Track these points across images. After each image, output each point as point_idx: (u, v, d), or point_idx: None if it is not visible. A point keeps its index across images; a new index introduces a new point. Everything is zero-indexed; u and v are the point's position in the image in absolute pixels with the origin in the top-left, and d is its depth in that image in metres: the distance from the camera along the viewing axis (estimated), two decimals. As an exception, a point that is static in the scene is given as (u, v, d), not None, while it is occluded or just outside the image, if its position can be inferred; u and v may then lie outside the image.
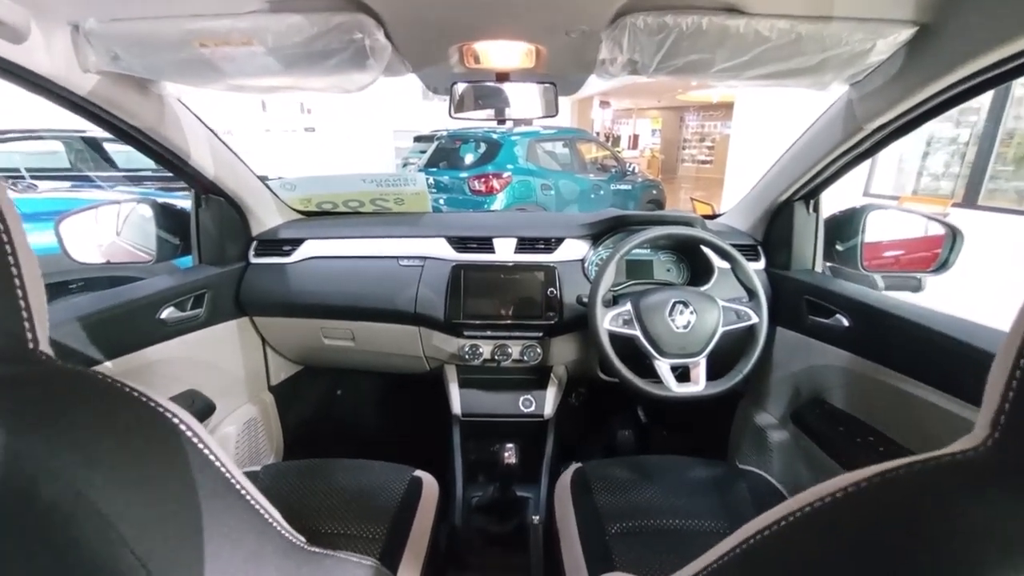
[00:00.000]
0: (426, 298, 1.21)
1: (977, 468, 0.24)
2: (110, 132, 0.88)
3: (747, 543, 0.31)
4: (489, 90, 0.96)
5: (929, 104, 0.77)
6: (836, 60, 0.71)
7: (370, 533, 0.84)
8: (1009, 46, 0.61)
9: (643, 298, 1.03)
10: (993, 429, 0.25)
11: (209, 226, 1.21)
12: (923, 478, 0.25)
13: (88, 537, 0.24)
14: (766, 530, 0.29)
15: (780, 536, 0.29)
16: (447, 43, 0.76)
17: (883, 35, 0.67)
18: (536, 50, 0.79)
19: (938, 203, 4.28)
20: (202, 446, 0.32)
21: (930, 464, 0.25)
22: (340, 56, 0.69)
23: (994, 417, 0.26)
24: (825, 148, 1.00)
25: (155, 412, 0.30)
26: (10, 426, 0.24)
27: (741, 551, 0.32)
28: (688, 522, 0.86)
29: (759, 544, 0.30)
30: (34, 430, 0.25)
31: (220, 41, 0.65)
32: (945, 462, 0.25)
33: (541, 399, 1.25)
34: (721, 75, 0.76)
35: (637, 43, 0.68)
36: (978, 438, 0.26)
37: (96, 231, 1.26)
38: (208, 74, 0.74)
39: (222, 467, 0.33)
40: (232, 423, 1.22)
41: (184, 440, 0.31)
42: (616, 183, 5.84)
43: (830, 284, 1.07)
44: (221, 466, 0.32)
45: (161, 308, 1.02)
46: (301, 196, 1.50)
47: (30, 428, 0.25)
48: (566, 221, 1.34)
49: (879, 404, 0.90)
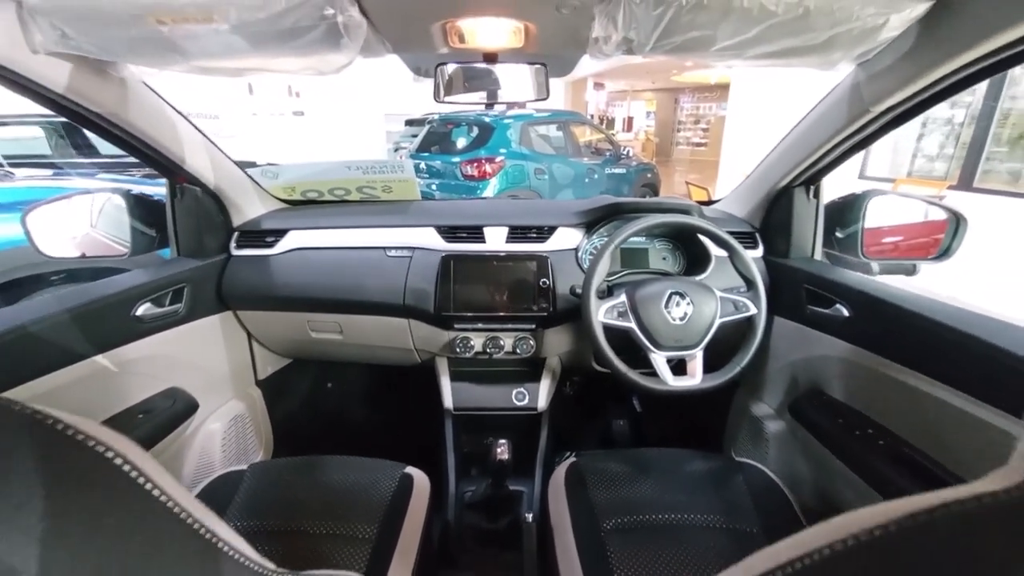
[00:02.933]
0: (415, 290, 1.18)
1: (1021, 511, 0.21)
2: (70, 119, 0.82)
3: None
4: (476, 72, 0.91)
5: (941, 85, 0.73)
6: (846, 36, 0.66)
7: (360, 533, 0.82)
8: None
9: (638, 289, 1.00)
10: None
11: (186, 217, 1.15)
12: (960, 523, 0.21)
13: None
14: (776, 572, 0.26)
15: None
16: (429, 20, 0.71)
17: (897, 9, 0.62)
18: (525, 28, 0.74)
19: (934, 185, 4.26)
20: (140, 479, 0.28)
21: (969, 506, 0.21)
22: (311, 34, 0.63)
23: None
24: (828, 132, 0.96)
25: (79, 445, 0.26)
26: None
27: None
28: (683, 516, 0.85)
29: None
30: None
31: (178, 17, 0.59)
32: (987, 503, 0.21)
33: (534, 392, 1.23)
34: (722, 54, 0.71)
35: (633, 19, 0.63)
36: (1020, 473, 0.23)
37: (69, 223, 1.21)
38: (169, 55, 0.68)
39: (168, 500, 0.29)
40: (217, 420, 1.19)
41: (117, 475, 0.27)
42: (611, 167, 5.77)
43: (830, 273, 1.04)
44: (167, 500, 0.29)
45: (136, 304, 0.97)
46: (284, 184, 1.44)
47: None
48: (559, 209, 1.30)
49: (879, 397, 0.88)
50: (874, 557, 0.23)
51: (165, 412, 1.01)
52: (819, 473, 0.99)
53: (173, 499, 0.29)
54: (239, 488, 0.91)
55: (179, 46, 0.66)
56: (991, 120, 3.92)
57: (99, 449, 0.27)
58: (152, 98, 0.93)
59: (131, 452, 0.28)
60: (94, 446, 0.26)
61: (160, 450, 0.99)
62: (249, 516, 0.84)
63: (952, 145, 4.43)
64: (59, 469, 0.25)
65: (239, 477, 0.94)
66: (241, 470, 0.96)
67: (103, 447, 0.27)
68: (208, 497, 0.90)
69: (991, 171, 4.02)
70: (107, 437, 0.27)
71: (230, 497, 0.88)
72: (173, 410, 1.03)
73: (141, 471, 0.28)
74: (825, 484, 0.98)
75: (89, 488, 0.26)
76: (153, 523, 0.28)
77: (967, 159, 4.12)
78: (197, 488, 0.93)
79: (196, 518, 0.31)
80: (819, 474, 0.99)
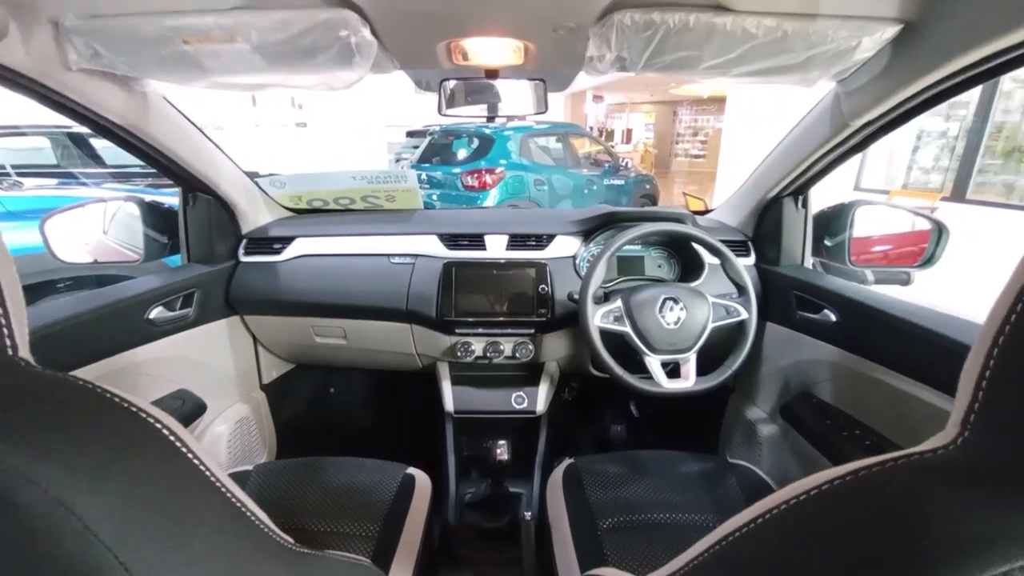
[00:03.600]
0: (417, 295, 1.21)
1: (947, 467, 0.25)
2: (94, 130, 0.87)
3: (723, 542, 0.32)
4: (478, 87, 0.95)
5: (915, 101, 0.78)
6: (822, 57, 0.71)
7: (363, 531, 0.84)
8: (994, 43, 0.61)
9: (633, 294, 1.03)
10: (963, 428, 0.26)
11: (197, 224, 1.19)
12: (894, 476, 0.25)
13: (68, 545, 0.24)
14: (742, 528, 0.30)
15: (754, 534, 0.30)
16: (434, 40, 0.76)
17: (868, 32, 0.67)
18: (524, 47, 0.79)
19: (927, 197, 4.32)
20: (185, 450, 0.31)
21: (901, 462, 0.25)
22: (326, 53, 0.68)
23: (964, 416, 0.26)
24: (813, 144, 1.00)
25: (136, 417, 0.30)
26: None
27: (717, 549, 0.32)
28: (677, 516, 0.87)
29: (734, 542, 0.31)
30: (10, 438, 0.25)
31: (203, 38, 0.64)
32: (915, 460, 0.25)
33: (533, 395, 1.26)
34: (708, 72, 0.76)
35: (625, 40, 0.68)
36: (949, 436, 0.27)
37: (83, 230, 1.25)
38: (192, 71, 0.73)
39: (207, 471, 0.32)
40: (224, 422, 1.22)
41: (167, 445, 0.31)
42: (609, 178, 5.84)
43: (819, 280, 1.08)
44: (206, 470, 0.32)
45: (149, 308, 1.01)
46: (291, 193, 1.48)
47: (5, 436, 0.25)
48: (557, 217, 1.34)
49: (865, 398, 0.92)
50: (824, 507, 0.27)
51: (174, 413, 1.03)
52: (809, 473, 1.02)
53: (211, 470, 0.33)
54: (244, 488, 0.93)
55: (202, 64, 0.71)
56: (981, 135, 3.99)
57: (152, 421, 0.30)
58: (171, 111, 0.98)
59: (176, 427, 0.32)
60: (148, 419, 0.30)
61: None
62: None
63: (947, 157, 4.50)
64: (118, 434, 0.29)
65: (244, 477, 0.97)
66: (247, 470, 0.99)
67: (156, 421, 0.31)
68: None
69: (985, 183, 4.09)
70: (157, 413, 0.31)
71: None
72: (182, 411, 1.06)
73: (185, 443, 0.32)
74: None
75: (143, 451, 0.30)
76: (194, 487, 0.32)
77: (960, 171, 4.18)
78: None
79: (229, 489, 0.34)
80: (809, 474, 1.02)
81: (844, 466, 0.26)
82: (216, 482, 0.33)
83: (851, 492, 0.26)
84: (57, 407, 0.28)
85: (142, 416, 0.30)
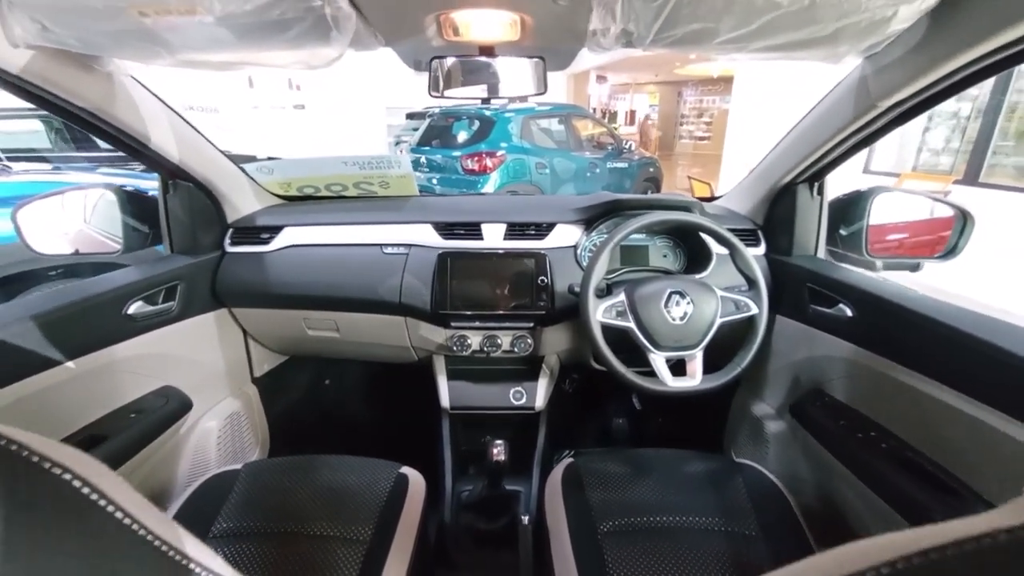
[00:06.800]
0: (411, 287, 1.16)
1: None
2: (56, 114, 0.81)
3: None
4: (473, 66, 0.88)
5: (951, 79, 0.71)
6: (853, 29, 0.64)
7: (355, 535, 0.81)
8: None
9: (638, 288, 0.98)
10: None
11: (179, 213, 1.14)
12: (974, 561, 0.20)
13: None
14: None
15: None
16: (422, 12, 0.69)
17: (907, 0, 0.60)
18: (521, 20, 0.72)
19: (939, 180, 4.21)
20: (104, 503, 0.26)
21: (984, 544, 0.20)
22: (299, 27, 0.61)
23: None
24: (834, 127, 0.93)
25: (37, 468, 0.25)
26: None
27: None
28: (681, 519, 0.84)
29: None
30: None
31: (160, 9, 0.57)
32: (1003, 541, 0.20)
33: (532, 391, 1.22)
34: (725, 47, 0.69)
35: (632, 10, 0.61)
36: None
37: (62, 219, 1.20)
38: (152, 48, 0.66)
39: (136, 525, 0.27)
40: (213, 418, 1.18)
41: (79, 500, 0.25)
42: (613, 161, 5.72)
43: (834, 271, 1.02)
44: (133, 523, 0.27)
45: (127, 303, 0.96)
46: (280, 180, 1.42)
47: None
48: (558, 205, 1.28)
49: (883, 399, 0.87)
50: None
51: (158, 411, 1.00)
52: (819, 475, 0.98)
53: (138, 520, 0.28)
54: (233, 488, 0.90)
55: (163, 39, 0.64)
56: (997, 114, 3.86)
57: (54, 471, 0.25)
58: (141, 92, 0.91)
59: (95, 474, 0.27)
60: (49, 467, 0.25)
61: (154, 449, 0.98)
62: (242, 517, 0.84)
63: (958, 139, 4.37)
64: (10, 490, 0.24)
65: (233, 477, 0.93)
66: (235, 470, 0.96)
67: (59, 468, 0.25)
68: (201, 497, 0.89)
69: (997, 165, 3.97)
70: (64, 457, 0.26)
71: (223, 497, 0.87)
72: (166, 409, 1.02)
73: (105, 495, 0.27)
74: (825, 486, 0.96)
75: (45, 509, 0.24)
76: (115, 546, 0.26)
77: (973, 154, 4.06)
78: (190, 489, 0.92)
79: (164, 539, 0.29)
80: (819, 476, 0.98)
81: (922, 532, 0.21)
82: (149, 536, 0.28)
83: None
84: None
85: (47, 467, 0.25)
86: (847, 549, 0.23)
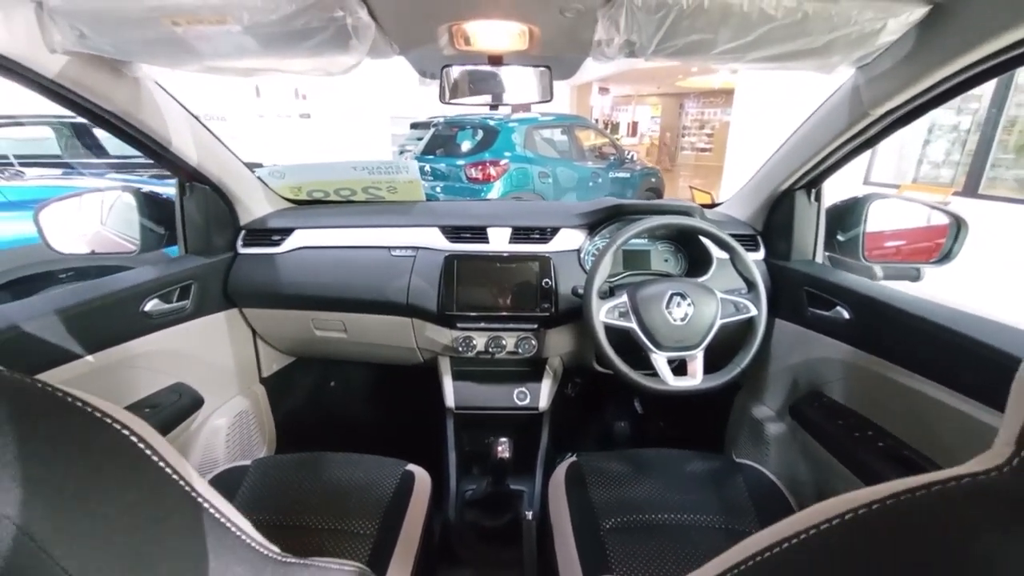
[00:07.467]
0: (418, 289, 1.19)
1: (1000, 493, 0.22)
2: (84, 117, 0.84)
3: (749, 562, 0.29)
4: (481, 74, 0.92)
5: (940, 88, 0.74)
6: (844, 41, 0.67)
7: (361, 529, 0.83)
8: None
9: (640, 290, 1.01)
10: (1019, 447, 0.23)
11: (195, 215, 1.17)
12: (940, 503, 0.22)
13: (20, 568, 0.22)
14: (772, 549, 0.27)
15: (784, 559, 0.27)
16: (435, 23, 0.72)
17: (894, 14, 0.63)
18: (529, 31, 0.75)
19: (939, 191, 4.24)
20: (157, 459, 0.29)
21: (949, 486, 0.22)
22: (321, 36, 0.65)
23: (1019, 433, 0.23)
24: (829, 135, 0.96)
25: (104, 426, 0.27)
26: None
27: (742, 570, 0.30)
28: (682, 517, 0.85)
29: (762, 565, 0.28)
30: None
31: (192, 19, 0.61)
32: (965, 485, 0.22)
33: (536, 392, 1.24)
34: (723, 57, 0.72)
35: (635, 22, 0.65)
36: (1000, 456, 0.24)
37: (79, 220, 1.23)
38: (182, 55, 0.70)
39: (181, 480, 0.30)
40: (222, 416, 1.20)
41: (137, 454, 0.28)
42: (615, 171, 5.78)
43: (831, 275, 1.05)
44: (180, 479, 0.30)
45: (144, 300, 0.99)
46: (291, 184, 1.46)
47: None
48: (562, 210, 1.31)
49: (879, 399, 0.89)
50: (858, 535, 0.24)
51: (171, 407, 1.02)
52: (819, 475, 1.00)
53: (186, 479, 0.31)
54: (243, 483, 0.92)
55: (192, 46, 0.68)
56: (995, 128, 3.90)
57: (120, 429, 0.28)
58: (164, 98, 0.95)
59: (148, 434, 0.30)
60: (116, 426, 0.28)
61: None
62: (252, 510, 0.85)
63: (958, 152, 4.41)
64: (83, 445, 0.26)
65: (243, 472, 0.95)
66: (245, 465, 0.97)
67: (124, 428, 0.28)
68: None
69: (997, 178, 4.00)
70: (127, 419, 0.29)
71: (233, 491, 0.89)
72: (179, 405, 1.04)
73: (157, 451, 0.29)
74: (825, 486, 0.98)
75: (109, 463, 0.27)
76: (166, 499, 0.29)
77: (972, 166, 4.09)
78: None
79: (207, 498, 0.32)
80: (819, 476, 1.00)
81: (880, 487, 0.24)
82: (192, 492, 0.31)
83: (891, 520, 0.23)
84: (10, 414, 0.25)
85: (110, 424, 0.28)
86: (818, 506, 0.26)
